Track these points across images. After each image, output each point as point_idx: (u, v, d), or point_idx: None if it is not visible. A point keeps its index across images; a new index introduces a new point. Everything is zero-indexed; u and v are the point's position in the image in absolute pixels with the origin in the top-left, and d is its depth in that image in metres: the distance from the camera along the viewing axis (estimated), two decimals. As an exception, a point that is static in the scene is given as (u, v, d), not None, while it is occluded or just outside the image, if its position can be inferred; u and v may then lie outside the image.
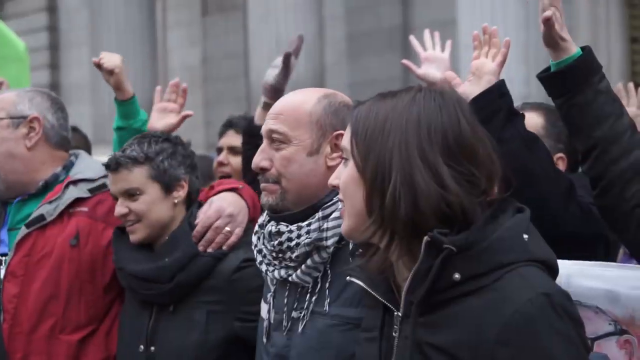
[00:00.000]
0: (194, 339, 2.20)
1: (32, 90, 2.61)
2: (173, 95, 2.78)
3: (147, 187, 2.27)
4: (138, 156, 2.27)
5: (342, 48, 10.43)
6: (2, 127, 2.48)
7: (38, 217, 2.41)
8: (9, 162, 2.46)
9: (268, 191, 1.89)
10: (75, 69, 13.12)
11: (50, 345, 2.35)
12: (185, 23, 11.93)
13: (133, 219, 2.28)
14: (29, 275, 2.38)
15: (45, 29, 13.53)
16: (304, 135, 1.87)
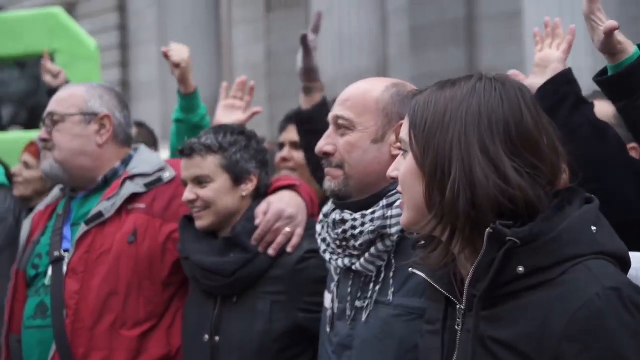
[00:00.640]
0: (258, 329, 2.20)
1: (100, 86, 2.61)
2: (239, 92, 2.76)
3: (217, 176, 2.28)
4: (212, 145, 2.28)
5: (405, 41, 10.36)
6: (74, 123, 2.49)
7: (97, 214, 2.42)
8: (79, 158, 2.48)
9: (331, 176, 1.89)
10: (144, 66, 13.40)
11: (111, 341, 2.36)
12: (249, 19, 12.04)
13: (200, 205, 2.29)
14: (89, 272, 2.39)
15: (115, 28, 13.86)
16: (369, 122, 1.86)
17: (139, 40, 13.66)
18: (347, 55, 9.01)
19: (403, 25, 10.36)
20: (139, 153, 2.60)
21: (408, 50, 10.35)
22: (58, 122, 2.48)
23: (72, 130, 2.48)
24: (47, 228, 2.56)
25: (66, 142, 2.47)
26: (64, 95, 2.54)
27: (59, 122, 2.48)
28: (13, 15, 5.27)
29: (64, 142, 2.47)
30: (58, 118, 2.48)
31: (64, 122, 2.48)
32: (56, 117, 2.49)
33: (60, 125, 2.48)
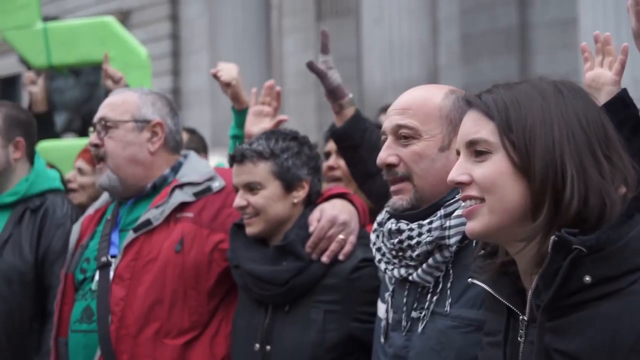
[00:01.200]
0: (311, 338, 2.16)
1: (151, 92, 2.60)
2: (267, 97, 2.70)
3: (269, 182, 2.26)
4: (264, 151, 2.26)
5: (456, 50, 10.26)
6: (127, 130, 2.48)
7: (145, 221, 2.41)
8: (131, 166, 2.47)
9: (402, 192, 1.83)
10: (195, 74, 13.56)
11: (155, 349, 2.35)
12: (300, 28, 12.08)
13: (250, 212, 2.26)
14: (136, 279, 2.37)
15: (167, 37, 14.05)
16: (435, 130, 1.80)
17: (190, 49, 13.83)
18: (397, 64, 8.95)
19: (454, 33, 10.26)
20: (188, 160, 2.58)
21: (459, 59, 10.25)
22: (110, 128, 2.47)
23: (125, 137, 2.47)
24: (96, 233, 2.57)
25: (118, 150, 2.47)
26: (117, 101, 2.53)
27: (112, 129, 2.47)
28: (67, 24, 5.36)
29: (117, 150, 2.47)
30: (110, 124, 2.47)
31: (117, 129, 2.47)
32: (108, 123, 2.48)
33: (112, 132, 2.47)
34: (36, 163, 3.03)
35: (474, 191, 1.32)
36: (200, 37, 13.14)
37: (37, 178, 2.98)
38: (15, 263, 2.82)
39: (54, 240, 2.86)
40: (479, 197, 1.31)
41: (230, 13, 11.28)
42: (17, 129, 2.96)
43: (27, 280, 2.82)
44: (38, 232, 2.87)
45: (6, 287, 2.79)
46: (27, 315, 2.82)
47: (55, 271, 2.81)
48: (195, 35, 13.58)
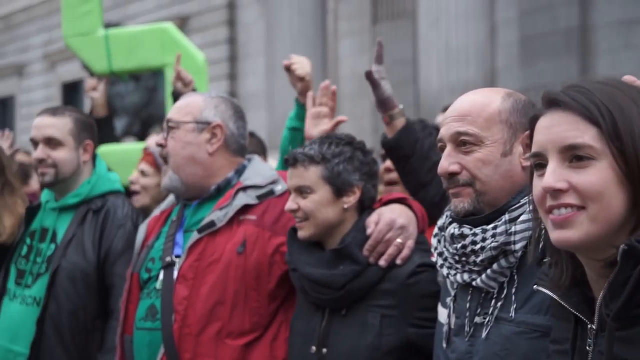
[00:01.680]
0: (368, 342, 2.16)
1: (219, 97, 2.65)
2: (324, 98, 2.73)
3: (319, 187, 2.26)
4: (315, 155, 2.27)
5: (515, 52, 10.09)
6: (187, 131, 2.54)
7: (209, 223, 2.45)
8: (190, 166, 2.53)
9: (462, 196, 1.80)
10: (251, 79, 13.67)
11: (217, 348, 2.37)
12: (356, 31, 12.06)
13: (301, 216, 2.28)
14: (199, 280, 2.41)
15: (225, 41, 14.21)
16: (496, 135, 1.78)
17: (247, 54, 13.95)
18: (453, 67, 8.85)
19: (513, 35, 10.09)
20: (252, 164, 2.62)
21: (518, 61, 10.07)
22: (173, 129, 2.55)
23: (185, 138, 2.53)
24: (162, 233, 2.63)
25: (177, 149, 2.53)
26: (182, 104, 2.61)
27: (174, 129, 2.55)
28: (127, 31, 5.46)
29: (176, 149, 2.53)
30: (174, 125, 2.55)
31: (179, 130, 2.54)
32: (172, 124, 2.55)
33: (174, 133, 2.54)
34: (98, 166, 3.13)
35: (573, 199, 1.25)
36: (257, 42, 13.24)
37: (98, 180, 3.07)
38: (78, 263, 2.90)
39: (115, 241, 2.95)
40: (577, 205, 1.25)
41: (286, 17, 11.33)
42: (86, 133, 3.08)
43: (90, 279, 2.90)
44: (100, 232, 2.95)
45: (71, 286, 2.88)
46: (90, 314, 2.89)
47: (116, 271, 2.90)
48: (252, 40, 13.69)
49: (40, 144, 3.00)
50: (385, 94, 2.47)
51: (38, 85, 19.55)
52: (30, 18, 19.71)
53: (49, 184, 3.02)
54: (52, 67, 19.05)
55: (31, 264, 2.97)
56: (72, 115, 3.07)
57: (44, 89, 19.32)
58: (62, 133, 3.00)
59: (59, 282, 2.88)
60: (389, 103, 2.48)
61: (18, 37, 20.15)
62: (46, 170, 2.99)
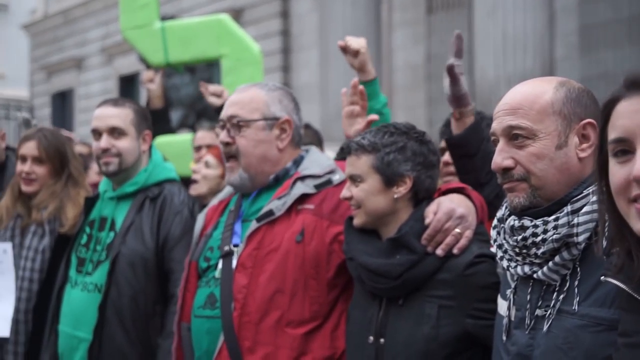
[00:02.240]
0: (425, 333, 2.14)
1: (277, 88, 2.63)
2: (355, 97, 2.69)
3: (369, 176, 2.26)
4: (366, 145, 2.26)
5: (574, 41, 9.86)
6: (258, 128, 2.53)
7: (268, 212, 2.46)
8: (262, 163, 2.53)
9: (518, 191, 1.77)
10: (305, 70, 13.68)
11: (276, 336, 2.37)
12: (410, 22, 11.95)
13: (354, 204, 2.28)
14: (258, 268, 2.42)
15: (278, 33, 14.24)
16: (549, 127, 1.74)
17: (300, 45, 13.96)
18: (510, 57, 8.70)
19: (572, 24, 9.86)
20: (310, 154, 2.63)
21: (577, 50, 9.84)
22: (242, 127, 2.52)
23: (256, 136, 2.52)
24: (219, 223, 2.64)
25: (250, 149, 2.52)
26: (245, 99, 2.56)
27: (243, 127, 2.52)
28: (183, 23, 5.48)
29: (248, 148, 2.52)
30: (242, 123, 2.52)
31: (248, 128, 2.52)
32: (240, 121, 2.52)
33: (244, 131, 2.52)
34: (153, 155, 3.19)
35: None
36: (311, 33, 13.24)
37: (155, 169, 3.13)
38: (137, 249, 2.96)
39: (173, 227, 2.99)
40: None
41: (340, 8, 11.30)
42: (145, 123, 3.14)
43: (149, 265, 2.95)
44: (158, 219, 3.00)
45: (130, 272, 2.93)
46: (150, 299, 2.95)
47: (174, 256, 2.94)
48: (305, 32, 13.70)
49: (104, 133, 3.05)
50: (463, 90, 2.45)
51: (96, 78, 19.95)
52: (88, 12, 20.11)
53: (113, 173, 3.07)
54: (110, 60, 19.41)
55: (91, 252, 3.04)
56: (131, 106, 3.14)
57: (101, 81, 19.70)
58: (124, 123, 3.06)
59: (119, 268, 2.93)
60: (464, 99, 2.46)
61: (76, 31, 20.58)
62: (110, 159, 3.05)
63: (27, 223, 3.36)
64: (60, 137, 3.51)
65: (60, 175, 3.39)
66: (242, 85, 2.67)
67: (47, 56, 21.66)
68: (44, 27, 21.97)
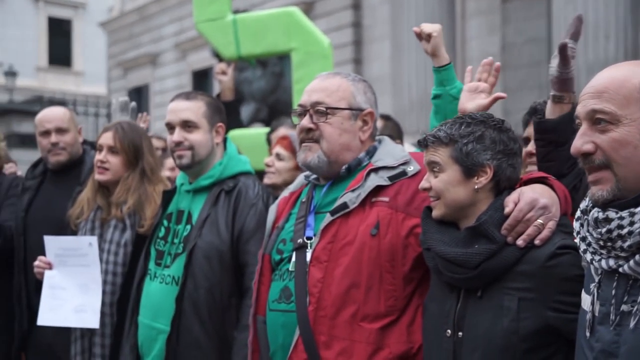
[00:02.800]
0: (504, 326, 2.06)
1: (361, 80, 2.61)
2: (484, 74, 2.66)
3: (448, 167, 2.21)
4: (443, 137, 2.21)
5: (659, 27, 9.44)
6: (343, 117, 2.51)
7: (342, 204, 2.43)
8: (343, 152, 2.51)
9: (602, 183, 1.69)
10: (377, 62, 13.59)
11: (352, 331, 2.35)
12: (484, 11, 11.70)
13: (433, 195, 2.24)
14: (333, 262, 2.39)
15: (350, 25, 14.20)
16: (635, 113, 1.65)
17: (372, 37, 13.87)
18: (590, 45, 8.42)
19: (656, 9, 9.44)
20: (383, 145, 2.59)
21: (662, 36, 9.43)
22: (328, 114, 2.50)
23: (342, 125, 2.50)
24: (291, 215, 2.62)
25: (335, 136, 2.50)
26: (331, 86, 2.54)
27: (329, 115, 2.50)
28: (255, 15, 5.49)
29: (333, 136, 2.50)
30: (329, 110, 2.50)
31: (334, 116, 2.50)
32: (327, 108, 2.50)
33: (330, 118, 2.50)
34: (228, 148, 3.21)
35: None
36: (382, 25, 13.13)
37: (229, 161, 3.15)
38: (213, 242, 2.97)
39: (248, 219, 3.00)
40: None
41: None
42: (217, 116, 3.16)
43: (225, 257, 2.97)
44: (233, 212, 3.02)
45: (206, 264, 2.95)
46: (226, 291, 2.96)
47: (249, 249, 2.95)
48: (377, 23, 13.60)
49: (177, 127, 3.09)
50: (570, 74, 2.37)
51: (170, 74, 20.35)
52: (162, 8, 20.51)
53: (186, 166, 3.11)
54: (183, 55, 19.76)
55: (169, 245, 3.08)
56: (204, 98, 3.16)
57: (175, 77, 20.09)
58: (196, 116, 3.09)
59: (195, 261, 2.96)
60: (568, 84, 2.38)
61: (151, 28, 21.04)
62: (183, 152, 3.08)
63: (107, 217, 3.44)
64: (138, 131, 3.58)
65: (134, 168, 3.46)
66: (323, 73, 2.64)
67: (124, 53, 22.22)
68: (120, 24, 22.54)
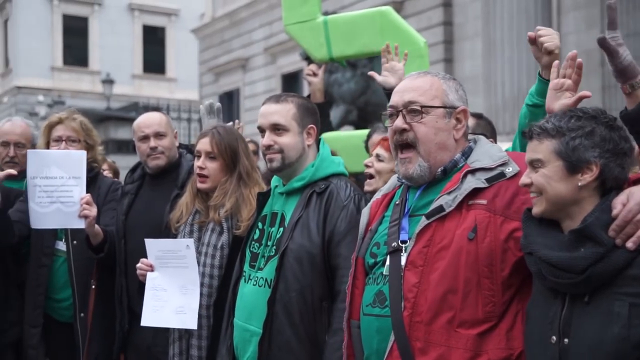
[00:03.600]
0: (614, 333, 1.97)
1: (451, 78, 2.57)
2: (569, 70, 2.52)
3: (550, 161, 2.13)
4: (550, 129, 2.14)
5: None
6: (438, 116, 2.46)
7: (437, 208, 2.37)
8: (440, 152, 2.46)
9: None
10: (468, 61, 13.37)
11: (449, 337, 2.28)
12: (582, 5, 11.31)
13: (535, 190, 2.17)
14: (428, 266, 2.34)
15: (440, 24, 14.02)
16: None
17: (463, 35, 13.65)
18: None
19: None
20: (479, 145, 2.52)
21: None
22: (422, 113, 2.46)
23: (437, 124, 2.46)
24: (384, 217, 2.58)
25: (430, 135, 2.46)
26: (423, 85, 2.50)
27: (423, 114, 2.46)
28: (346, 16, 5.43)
29: (429, 135, 2.46)
30: (422, 109, 2.46)
31: (428, 115, 2.46)
32: (421, 107, 2.46)
33: (424, 117, 2.46)
34: (321, 149, 3.20)
35: None
36: (474, 22, 12.91)
37: (322, 163, 3.13)
38: (304, 244, 2.96)
39: (339, 222, 2.97)
40: None
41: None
42: (309, 117, 3.15)
43: (316, 260, 2.95)
44: (324, 214, 3.00)
45: (297, 267, 2.94)
46: (317, 294, 2.94)
47: (341, 252, 2.92)
48: (468, 21, 13.38)
49: (267, 130, 3.10)
50: (625, 62, 2.25)
51: (260, 78, 20.65)
52: (252, 13, 20.85)
53: (277, 168, 3.11)
54: (273, 59, 20.01)
55: (263, 247, 3.09)
56: (294, 100, 3.15)
57: (265, 80, 20.37)
58: (285, 119, 3.08)
59: (287, 263, 2.95)
60: (629, 71, 2.26)
61: (242, 33, 21.42)
62: (273, 155, 3.09)
63: (205, 220, 3.51)
64: (234, 134, 3.62)
65: (232, 172, 3.51)
66: (413, 73, 2.60)
67: (215, 58, 22.71)
68: (211, 30, 23.05)
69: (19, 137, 4.40)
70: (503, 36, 10.67)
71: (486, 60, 11.35)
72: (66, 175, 3.85)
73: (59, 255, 4.08)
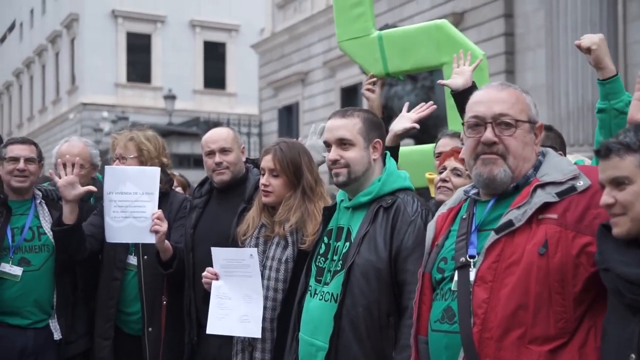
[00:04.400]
0: None
1: (527, 92, 2.55)
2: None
3: (637, 177, 2.07)
4: (631, 142, 2.08)
5: None
6: (525, 130, 2.45)
7: (507, 222, 2.34)
8: (525, 166, 2.44)
9: None
10: (530, 72, 13.17)
11: (519, 354, 2.25)
12: (649, 12, 11.03)
13: (618, 211, 2.10)
14: (498, 282, 2.30)
15: (502, 34, 13.86)
16: None
17: (525, 46, 13.46)
18: None
19: None
20: (548, 158, 2.49)
21: None
22: (512, 127, 2.44)
23: (524, 138, 2.45)
24: (451, 232, 2.56)
25: (520, 150, 2.44)
26: (510, 98, 2.47)
27: (513, 128, 2.44)
28: (401, 31, 5.37)
29: (518, 149, 2.44)
30: (513, 123, 2.44)
31: (518, 128, 2.44)
32: (511, 121, 2.44)
33: (515, 131, 2.44)
34: (387, 163, 3.19)
35: None
36: (537, 33, 12.72)
37: (388, 177, 3.13)
38: (371, 259, 2.96)
39: (406, 237, 2.96)
40: None
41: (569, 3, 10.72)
42: (375, 132, 3.15)
43: (383, 275, 2.94)
44: (391, 229, 2.99)
45: (364, 282, 2.94)
46: (383, 310, 2.93)
47: (408, 267, 2.91)
48: (530, 31, 13.19)
49: (333, 145, 3.12)
50: None
51: (319, 91, 20.75)
52: (311, 27, 21.00)
53: (343, 183, 3.12)
54: (332, 73, 20.09)
55: (329, 262, 3.10)
56: (360, 115, 3.16)
57: (324, 94, 20.45)
58: (351, 133, 3.09)
59: (353, 278, 2.95)
60: None
61: (301, 47, 21.58)
62: (339, 170, 3.10)
63: (271, 234, 3.55)
64: (297, 149, 3.65)
65: (295, 188, 3.56)
66: (492, 84, 2.57)
67: (274, 73, 22.93)
68: (271, 45, 23.30)
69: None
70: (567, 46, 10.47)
71: (549, 70, 11.16)
72: (140, 191, 3.95)
73: (130, 269, 4.17)
